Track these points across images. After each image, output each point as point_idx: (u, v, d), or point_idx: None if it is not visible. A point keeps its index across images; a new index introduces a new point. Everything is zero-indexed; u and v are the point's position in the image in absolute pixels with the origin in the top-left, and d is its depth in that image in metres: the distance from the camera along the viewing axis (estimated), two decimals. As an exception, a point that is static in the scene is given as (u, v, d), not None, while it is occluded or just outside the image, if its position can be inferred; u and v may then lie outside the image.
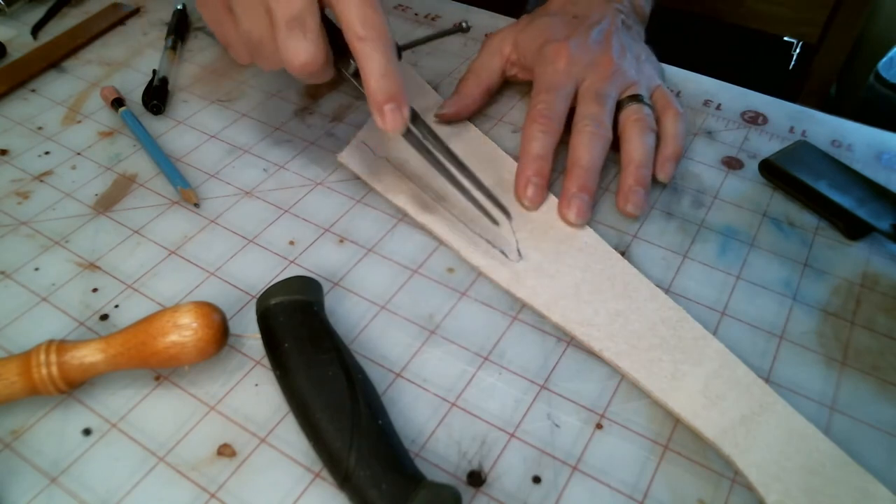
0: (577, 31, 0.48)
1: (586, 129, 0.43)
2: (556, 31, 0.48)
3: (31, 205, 0.43)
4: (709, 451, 0.32)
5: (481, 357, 0.36)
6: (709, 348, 0.35)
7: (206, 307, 0.32)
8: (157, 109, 0.50)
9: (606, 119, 0.44)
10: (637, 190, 0.42)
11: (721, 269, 0.40)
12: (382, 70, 0.36)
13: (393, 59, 0.37)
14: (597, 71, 0.46)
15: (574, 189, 0.41)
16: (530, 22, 0.50)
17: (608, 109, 0.44)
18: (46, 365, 0.31)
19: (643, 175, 0.42)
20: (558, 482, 0.31)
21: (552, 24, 0.49)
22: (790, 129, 0.50)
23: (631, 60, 0.48)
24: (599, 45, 0.47)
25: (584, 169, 0.42)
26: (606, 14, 0.50)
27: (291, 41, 0.36)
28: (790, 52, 0.88)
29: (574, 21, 0.49)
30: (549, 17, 0.50)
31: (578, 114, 0.44)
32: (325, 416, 0.29)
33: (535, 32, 0.49)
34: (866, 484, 0.30)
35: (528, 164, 0.43)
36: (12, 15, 0.60)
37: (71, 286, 0.38)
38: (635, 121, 0.44)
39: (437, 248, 0.41)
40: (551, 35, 0.48)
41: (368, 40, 0.36)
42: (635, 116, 0.44)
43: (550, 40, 0.47)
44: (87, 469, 0.31)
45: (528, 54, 0.49)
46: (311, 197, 0.44)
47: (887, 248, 0.41)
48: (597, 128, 0.43)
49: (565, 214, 0.41)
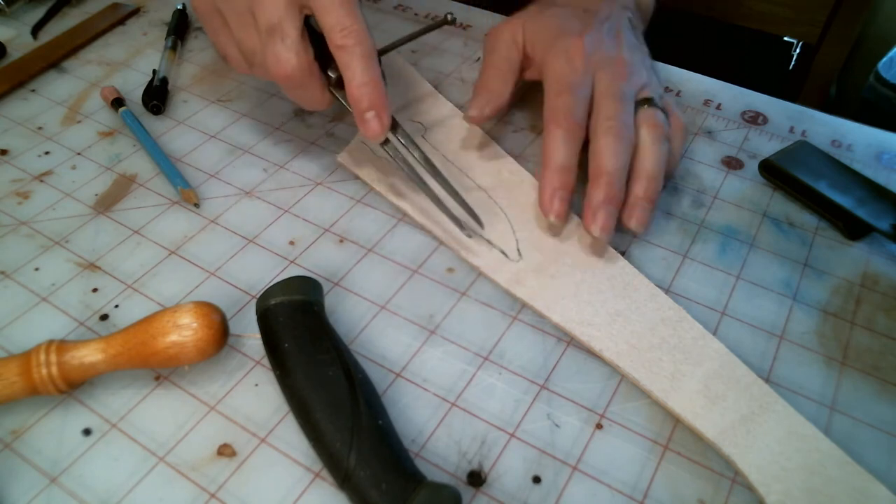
0: (590, 26, 0.45)
1: (612, 130, 0.40)
2: (569, 24, 0.45)
3: (31, 205, 0.43)
4: (709, 451, 0.32)
5: (481, 357, 0.36)
6: (709, 348, 0.35)
7: (206, 307, 0.32)
8: (157, 109, 0.50)
9: (630, 120, 0.41)
10: (645, 206, 0.39)
11: (721, 269, 0.40)
12: (362, 78, 0.36)
13: (373, 66, 0.37)
14: (613, 70, 0.43)
15: (601, 199, 0.38)
16: (540, 12, 0.47)
17: (630, 109, 0.41)
18: (46, 365, 0.31)
19: (654, 189, 0.39)
20: (558, 482, 0.31)
21: (564, 17, 0.46)
22: (790, 129, 0.50)
23: (641, 60, 0.45)
24: (613, 42, 0.44)
25: (612, 177, 0.38)
26: (615, 10, 0.47)
27: (270, 48, 0.36)
28: (790, 52, 0.88)
29: (585, 15, 0.46)
30: (560, 7, 0.47)
31: (601, 114, 0.41)
32: (325, 416, 0.29)
33: (546, 23, 0.46)
34: (866, 484, 0.30)
35: (553, 175, 0.39)
36: (12, 15, 0.60)
37: (71, 286, 0.38)
38: (652, 126, 0.41)
39: (437, 248, 0.41)
40: (564, 28, 0.45)
41: (347, 48, 0.36)
42: (652, 122, 0.41)
43: (564, 34, 0.44)
44: (87, 469, 0.31)
45: (538, 47, 0.45)
46: (311, 197, 0.44)
47: (887, 248, 0.41)
48: (622, 128, 0.40)
49: (589, 227, 0.38)
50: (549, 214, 0.39)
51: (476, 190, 0.44)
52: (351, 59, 0.36)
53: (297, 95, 0.39)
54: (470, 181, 0.44)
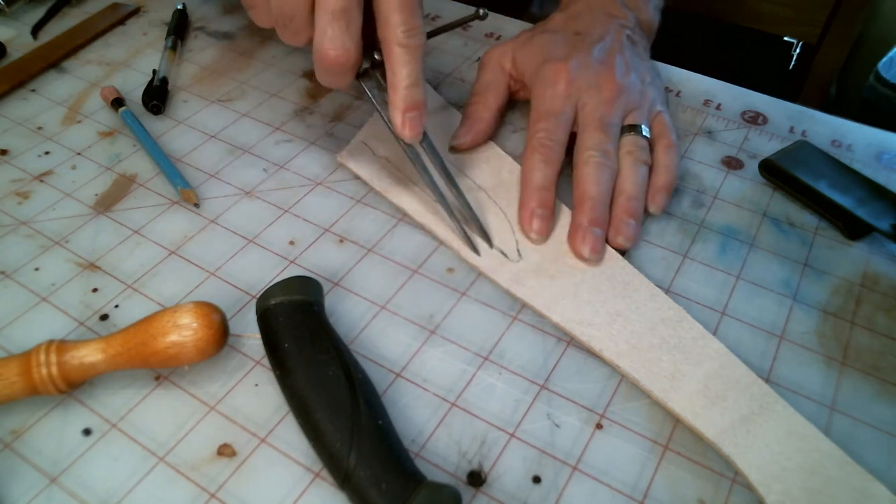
0: (577, 50, 0.46)
1: (592, 160, 0.41)
2: (555, 49, 0.47)
3: (31, 205, 0.43)
4: (709, 451, 0.32)
5: (481, 357, 0.36)
6: (709, 348, 0.35)
7: (206, 307, 0.32)
8: (157, 109, 0.50)
9: (612, 148, 0.43)
10: (628, 222, 0.40)
11: (721, 269, 0.40)
12: (414, 79, 0.37)
13: (423, 70, 0.37)
14: (599, 93, 0.44)
15: (586, 222, 0.39)
16: (530, 38, 0.48)
17: (613, 137, 0.43)
18: (46, 365, 0.31)
19: (634, 207, 0.41)
20: (558, 482, 0.31)
21: (552, 42, 0.47)
22: (790, 129, 0.50)
23: (635, 81, 0.46)
24: (602, 65, 0.45)
25: (595, 201, 0.40)
26: (610, 30, 0.48)
27: (332, 31, 0.35)
28: (790, 52, 0.88)
29: (576, 38, 0.47)
30: (550, 34, 0.48)
31: (583, 143, 0.43)
32: (325, 416, 0.29)
33: (534, 49, 0.47)
34: (866, 484, 0.30)
35: (531, 195, 0.41)
36: (12, 15, 0.60)
37: (71, 286, 0.38)
38: (627, 153, 0.43)
39: (437, 248, 0.41)
40: (550, 54, 0.46)
41: (411, 48, 0.36)
42: (628, 148, 0.43)
43: (549, 60, 0.46)
44: (87, 469, 0.31)
45: (526, 73, 0.47)
46: (311, 197, 0.44)
47: (887, 248, 0.41)
48: (603, 158, 0.42)
49: (579, 250, 0.39)
50: (529, 233, 0.41)
51: (476, 190, 0.44)
52: (411, 59, 0.36)
53: (329, 77, 0.38)
54: (470, 181, 0.44)
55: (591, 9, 0.49)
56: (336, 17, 0.35)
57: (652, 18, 0.52)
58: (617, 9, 0.49)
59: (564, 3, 0.52)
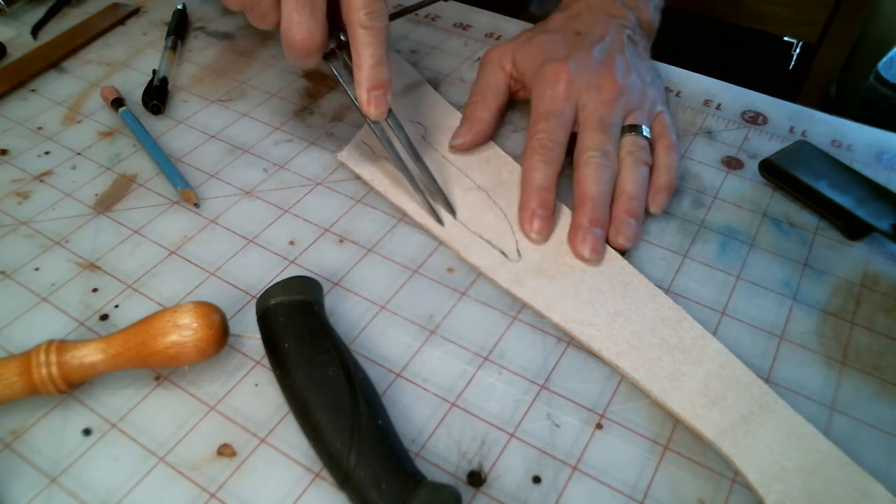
0: (577, 50, 0.46)
1: (593, 161, 0.42)
2: (555, 49, 0.46)
3: (31, 205, 0.43)
4: (709, 451, 0.32)
5: (481, 357, 0.36)
6: (709, 348, 0.35)
7: (206, 307, 0.32)
8: (157, 109, 0.50)
9: (612, 148, 0.43)
10: (629, 222, 0.40)
11: (721, 269, 0.40)
12: (378, 59, 0.38)
13: (387, 50, 0.38)
14: (599, 94, 0.44)
15: (586, 223, 0.40)
16: (530, 38, 0.48)
17: (613, 138, 0.43)
18: (46, 365, 0.31)
19: (634, 206, 0.41)
20: (558, 482, 0.31)
21: (552, 42, 0.47)
22: (790, 129, 0.50)
23: (635, 81, 0.46)
24: (602, 65, 0.45)
25: (595, 201, 0.40)
26: (610, 30, 0.47)
27: (298, 17, 0.36)
28: (790, 52, 0.88)
29: (576, 38, 0.47)
30: (550, 34, 0.48)
31: (583, 144, 0.43)
32: (325, 416, 0.29)
33: (534, 50, 0.47)
34: (866, 484, 0.30)
35: (531, 196, 0.41)
36: (12, 15, 0.60)
37: (71, 286, 0.38)
38: (628, 153, 0.43)
39: (437, 248, 0.41)
40: (551, 54, 0.46)
41: (373, 30, 0.37)
42: (629, 148, 0.43)
43: (549, 60, 0.46)
44: (87, 469, 0.31)
45: (526, 73, 0.47)
46: (311, 197, 0.44)
47: (887, 248, 0.41)
48: (603, 159, 0.42)
49: (579, 251, 0.39)
50: (529, 233, 0.41)
51: (476, 190, 0.44)
52: (373, 40, 0.37)
53: (296, 58, 0.39)
54: (470, 181, 0.44)
55: (591, 9, 0.49)
56: (301, 2, 0.36)
57: (652, 18, 0.52)
58: (617, 9, 0.49)
59: (564, 3, 0.52)
